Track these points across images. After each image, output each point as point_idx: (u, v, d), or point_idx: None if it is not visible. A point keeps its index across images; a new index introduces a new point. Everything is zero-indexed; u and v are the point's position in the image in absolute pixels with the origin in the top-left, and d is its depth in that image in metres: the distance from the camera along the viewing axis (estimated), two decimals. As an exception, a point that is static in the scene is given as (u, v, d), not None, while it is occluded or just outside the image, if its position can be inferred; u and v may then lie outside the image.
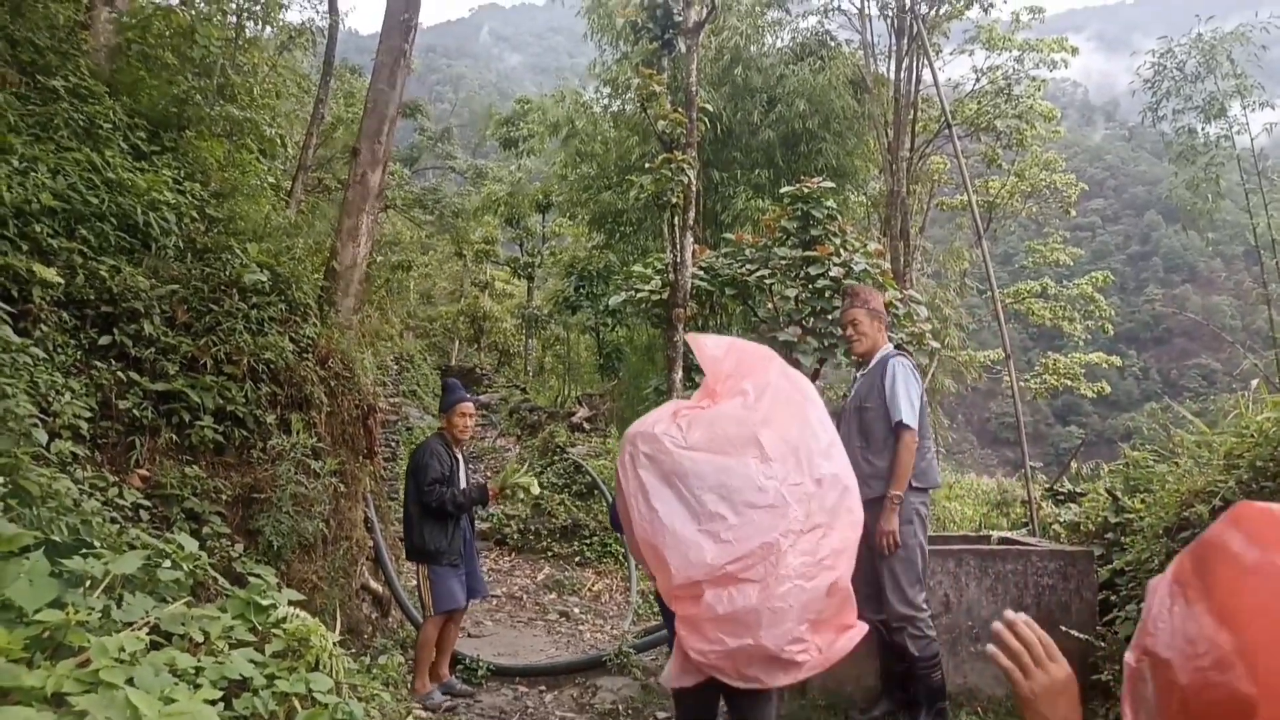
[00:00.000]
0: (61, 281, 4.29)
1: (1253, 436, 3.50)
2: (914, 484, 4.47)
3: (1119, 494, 4.81)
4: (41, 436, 3.28)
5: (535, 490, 5.05)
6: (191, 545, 2.90)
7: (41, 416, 3.74)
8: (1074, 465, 7.21)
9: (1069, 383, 20.36)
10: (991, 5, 19.74)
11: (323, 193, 15.56)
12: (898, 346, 13.36)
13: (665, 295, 13.22)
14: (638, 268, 15.35)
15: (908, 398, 4.52)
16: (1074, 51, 21.53)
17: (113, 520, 3.73)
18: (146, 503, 4.12)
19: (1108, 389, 20.72)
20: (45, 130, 4.86)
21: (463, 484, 5.32)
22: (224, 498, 4.57)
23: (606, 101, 20.19)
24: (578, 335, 26.45)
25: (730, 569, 2.83)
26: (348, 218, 5.89)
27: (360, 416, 5.78)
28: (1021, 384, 22.37)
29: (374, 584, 6.22)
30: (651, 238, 18.21)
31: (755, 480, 2.89)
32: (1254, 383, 4.23)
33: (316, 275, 5.82)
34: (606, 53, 19.85)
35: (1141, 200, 63.12)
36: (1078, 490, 6.04)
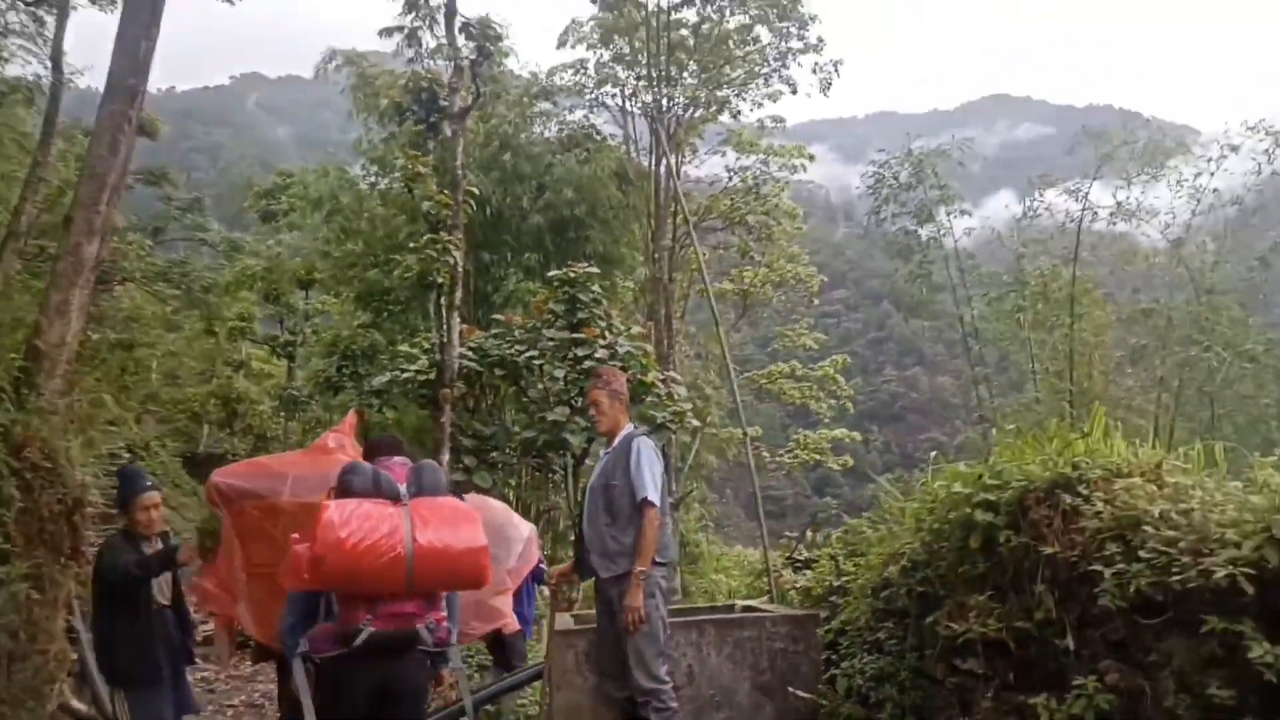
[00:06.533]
0: None
1: (931, 502, 3.98)
2: (655, 559, 4.61)
3: (840, 558, 5.24)
4: None
5: None
6: None
7: None
8: (810, 534, 7.78)
9: (818, 457, 21.99)
10: (739, 112, 21.65)
11: (46, 263, 14.02)
12: (660, 424, 13.73)
13: (432, 376, 13.01)
14: (404, 347, 15.03)
15: (652, 475, 4.69)
16: (811, 158, 24.00)
17: None
18: None
19: (851, 462, 22.63)
20: None
21: (155, 586, 4.80)
22: (-127, 615, 3.90)
23: (374, 179, 19.89)
24: (341, 418, 25.23)
25: None
26: (56, 292, 5.35)
27: (64, 512, 5.16)
28: (778, 459, 23.92)
29: (76, 703, 5.48)
30: (421, 317, 17.91)
31: None
32: (933, 454, 4.83)
33: (14, 355, 5.21)
34: (373, 131, 19.66)
35: (877, 291, 70.41)
36: (812, 557, 6.50)
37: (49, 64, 11.51)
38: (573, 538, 5.73)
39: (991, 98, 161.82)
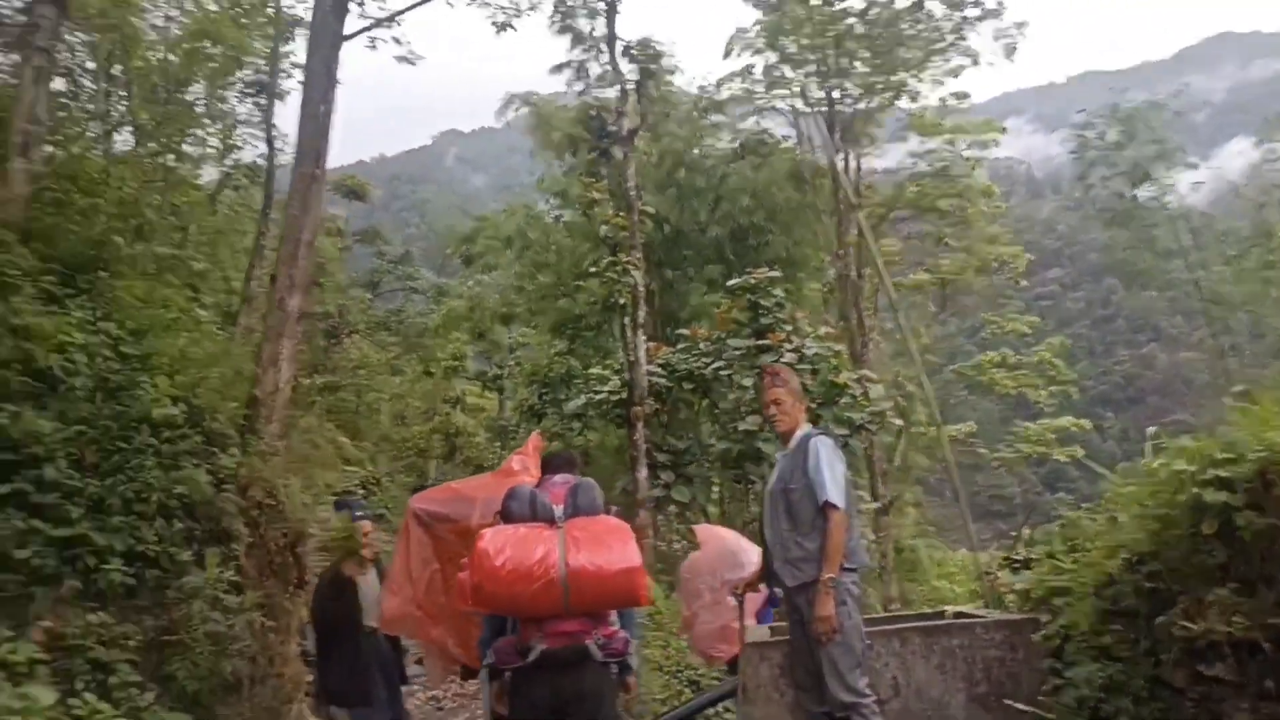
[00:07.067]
0: (-46, 433, 4.20)
1: (1153, 484, 3.47)
2: (845, 564, 4.35)
3: (1059, 555, 4.72)
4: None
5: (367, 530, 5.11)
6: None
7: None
8: (1029, 531, 7.11)
9: (1043, 449, 20.36)
10: (918, 95, 20.60)
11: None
12: (859, 426, 13.12)
13: (624, 395, 13.24)
14: (595, 369, 15.42)
15: (832, 476, 4.43)
16: (1003, 130, 22.43)
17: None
18: (44, 657, 3.94)
19: (1082, 452, 20.75)
20: (-51, 283, 4.85)
21: (366, 610, 5.10)
22: (131, 644, 4.38)
23: (558, 212, 20.67)
24: (547, 443, 26.24)
25: None
26: (268, 344, 5.88)
27: (289, 545, 5.62)
28: (996, 454, 22.37)
29: (314, 721, 5.92)
30: (611, 340, 18.35)
31: None
32: (1150, 429, 4.20)
33: (237, 404, 5.76)
34: (554, 166, 20.46)
35: (1097, 266, 64.65)
36: (1031, 556, 5.92)
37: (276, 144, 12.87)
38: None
39: (1213, 39, 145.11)
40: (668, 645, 9.35)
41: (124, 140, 11.01)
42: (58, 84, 8.70)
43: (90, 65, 10.61)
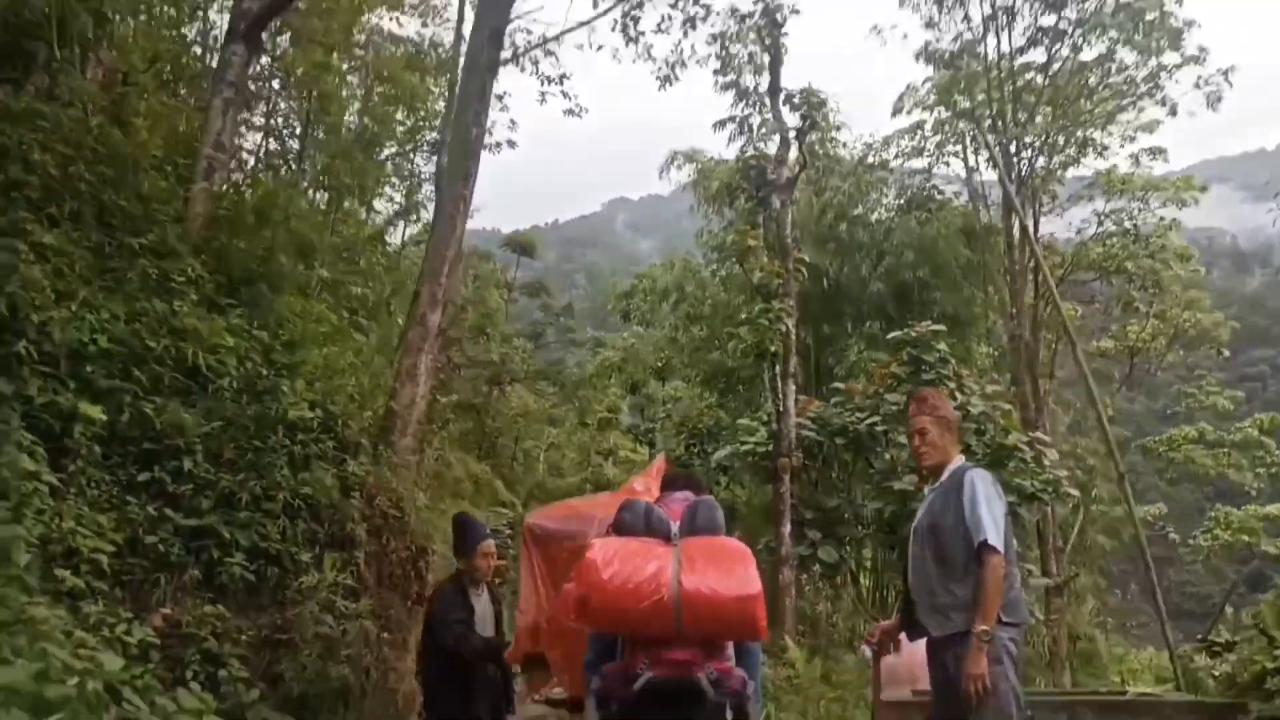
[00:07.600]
0: (103, 417, 4.38)
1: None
2: (1003, 618, 3.75)
3: (1272, 630, 3.92)
4: (21, 558, 3.19)
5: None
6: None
7: (61, 548, 3.72)
8: (1229, 611, 6.08)
9: (1245, 538, 17.98)
10: (1105, 148, 19.23)
11: (453, 370, 16.09)
12: (1031, 495, 12.01)
13: (771, 447, 12.73)
14: (744, 421, 14.99)
15: (991, 515, 3.86)
16: (1203, 189, 20.53)
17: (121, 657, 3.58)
18: (156, 641, 3.97)
19: (1289, 544, 18.18)
20: (119, 283, 5.16)
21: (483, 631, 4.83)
22: (244, 639, 4.37)
23: (714, 266, 20.61)
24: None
25: None
26: (406, 358, 5.94)
27: (410, 559, 5.56)
28: (1191, 541, 19.98)
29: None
30: (762, 394, 17.93)
31: None
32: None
33: (371, 415, 5.83)
34: (713, 221, 20.49)
35: (1316, 347, 58.06)
36: (1234, 639, 5.03)
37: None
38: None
39: None
40: (806, 713, 8.71)
41: (320, 193, 11.90)
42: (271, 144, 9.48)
43: (296, 128, 11.54)
